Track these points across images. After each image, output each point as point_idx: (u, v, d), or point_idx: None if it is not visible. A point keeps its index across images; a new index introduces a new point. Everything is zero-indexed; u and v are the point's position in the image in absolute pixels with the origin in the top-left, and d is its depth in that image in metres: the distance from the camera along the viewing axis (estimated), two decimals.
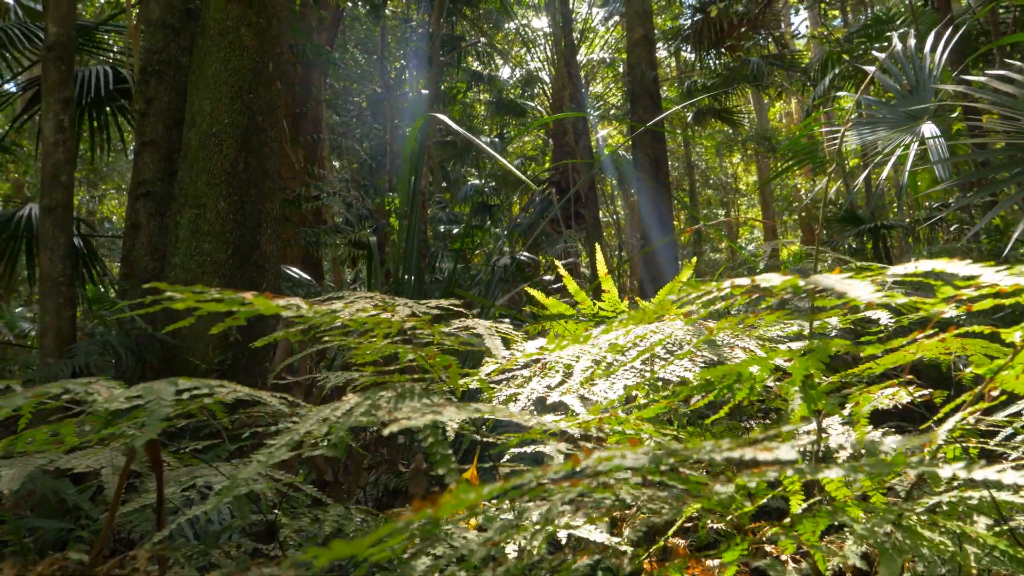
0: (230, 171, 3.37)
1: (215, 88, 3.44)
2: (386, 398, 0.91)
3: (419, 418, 0.76)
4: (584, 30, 12.84)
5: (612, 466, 0.65)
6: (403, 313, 1.06)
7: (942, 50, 3.13)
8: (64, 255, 3.12)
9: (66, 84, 3.23)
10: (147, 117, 3.78)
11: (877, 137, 3.03)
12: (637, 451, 0.66)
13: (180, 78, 3.84)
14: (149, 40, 3.86)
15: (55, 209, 3.12)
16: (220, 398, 0.92)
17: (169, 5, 3.90)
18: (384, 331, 0.98)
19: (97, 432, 1.04)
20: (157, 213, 3.67)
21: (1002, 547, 0.98)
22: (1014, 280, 0.73)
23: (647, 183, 7.73)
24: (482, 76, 12.72)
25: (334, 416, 0.89)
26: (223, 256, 3.30)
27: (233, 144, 3.40)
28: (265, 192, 3.53)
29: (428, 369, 1.07)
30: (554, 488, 0.76)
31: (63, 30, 3.24)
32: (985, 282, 0.83)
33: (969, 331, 0.91)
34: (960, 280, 0.79)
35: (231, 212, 3.34)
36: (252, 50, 3.54)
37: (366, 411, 0.88)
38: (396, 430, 0.74)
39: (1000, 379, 0.92)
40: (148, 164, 3.73)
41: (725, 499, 0.91)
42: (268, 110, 3.60)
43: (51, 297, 3.07)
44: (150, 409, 0.75)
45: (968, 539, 1.02)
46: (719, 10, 7.91)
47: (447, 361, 1.00)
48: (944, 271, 0.76)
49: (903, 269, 0.79)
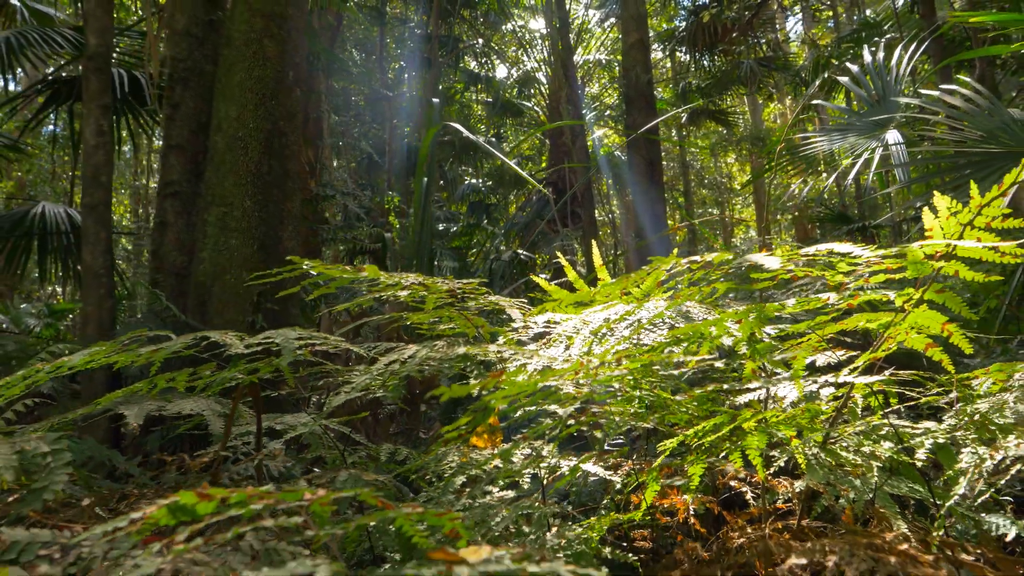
0: (255, 172, 3.70)
1: (240, 95, 3.76)
2: (439, 345, 1.24)
3: (469, 350, 1.10)
4: (581, 31, 13.20)
5: (605, 378, 0.99)
6: (444, 288, 1.40)
7: (907, 64, 3.49)
8: (105, 249, 3.44)
9: (105, 91, 3.55)
10: (173, 122, 4.10)
11: (847, 142, 3.40)
12: (622, 369, 1.00)
13: (204, 85, 4.17)
14: (174, 49, 4.18)
15: (96, 207, 3.44)
16: (318, 347, 1.25)
17: (193, 16, 4.23)
18: (434, 299, 1.32)
19: (206, 379, 1.38)
20: (184, 211, 3.99)
21: (899, 458, 1.33)
22: (878, 258, 1.08)
23: (642, 183, 8.08)
24: (479, 77, 13.04)
25: (402, 358, 1.23)
26: (249, 251, 3.62)
27: (257, 147, 3.73)
28: (286, 192, 3.86)
29: (464, 332, 1.41)
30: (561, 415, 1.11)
31: (102, 41, 3.57)
32: (873, 259, 1.17)
33: (869, 297, 1.25)
34: (850, 258, 1.13)
35: (256, 210, 3.67)
36: (274, 60, 3.87)
37: (427, 354, 1.22)
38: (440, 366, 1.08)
39: (891, 333, 1.27)
40: (175, 166, 4.05)
41: (689, 414, 1.25)
42: (288, 115, 3.93)
43: (92, 288, 3.40)
44: (282, 345, 1.09)
45: (875, 457, 1.37)
46: (711, 15, 8.27)
47: (480, 322, 1.34)
48: (840, 251, 1.10)
49: (812, 250, 1.13)
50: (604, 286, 2.25)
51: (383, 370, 1.26)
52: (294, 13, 4.06)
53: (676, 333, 1.31)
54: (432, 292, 1.34)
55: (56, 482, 0.93)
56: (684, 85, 12.57)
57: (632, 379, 1.19)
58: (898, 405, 1.67)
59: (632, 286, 1.59)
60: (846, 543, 0.86)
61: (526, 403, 1.12)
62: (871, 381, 1.47)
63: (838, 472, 1.41)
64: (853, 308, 1.31)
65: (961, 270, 1.28)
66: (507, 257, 5.25)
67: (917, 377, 1.52)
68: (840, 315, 1.38)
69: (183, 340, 1.12)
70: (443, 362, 1.21)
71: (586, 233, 9.73)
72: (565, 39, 10.56)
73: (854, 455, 1.38)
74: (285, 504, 0.74)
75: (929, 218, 1.21)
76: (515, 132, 15.03)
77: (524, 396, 0.99)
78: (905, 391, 1.52)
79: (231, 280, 3.54)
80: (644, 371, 1.17)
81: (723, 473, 1.82)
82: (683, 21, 11.57)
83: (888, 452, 1.35)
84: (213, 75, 4.13)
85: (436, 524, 0.75)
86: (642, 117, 8.19)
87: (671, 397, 1.15)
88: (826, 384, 1.46)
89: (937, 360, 1.37)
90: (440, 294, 1.29)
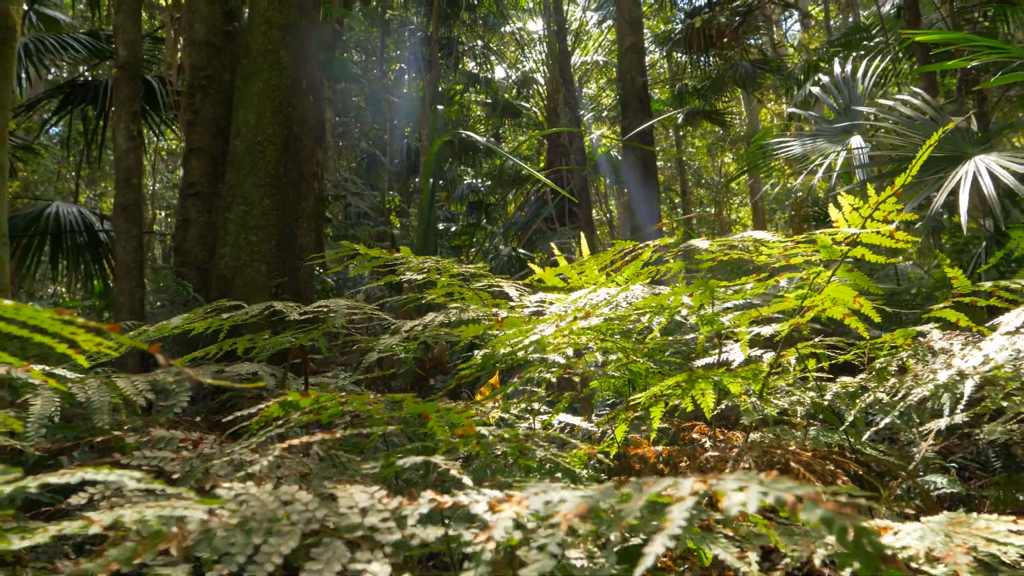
0: (273, 174, 4.06)
1: (259, 103, 4.12)
2: (453, 311, 1.60)
3: (474, 313, 1.46)
4: (579, 32, 13.57)
5: (578, 330, 1.35)
6: (455, 269, 1.76)
7: (862, 75, 3.87)
8: (136, 245, 3.80)
9: (135, 98, 3.91)
10: (194, 127, 4.46)
11: (816, 146, 3.77)
12: (590, 321, 1.36)
13: (222, 91, 4.53)
14: (194, 58, 4.54)
15: (128, 207, 3.80)
16: (355, 316, 1.60)
17: (212, 27, 4.59)
18: (447, 278, 1.68)
19: (258, 343, 1.73)
20: (205, 209, 4.35)
21: (816, 402, 1.69)
22: (792, 243, 1.44)
23: (637, 182, 8.46)
24: (478, 78, 13.40)
25: (424, 322, 1.59)
26: (268, 246, 3.98)
27: (275, 151, 4.09)
28: (301, 192, 4.22)
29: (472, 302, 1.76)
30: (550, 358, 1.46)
31: (131, 52, 3.93)
32: (788, 245, 1.54)
33: (789, 276, 1.61)
34: (767, 244, 1.49)
35: (274, 209, 4.03)
36: (290, 69, 4.23)
37: (442, 319, 1.58)
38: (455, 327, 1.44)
39: (808, 304, 1.63)
40: (196, 168, 4.41)
41: (648, 364, 1.61)
42: (303, 121, 4.29)
43: (125, 280, 3.75)
44: (335, 309, 1.44)
45: (800, 403, 1.73)
46: (703, 21, 8.65)
47: (485, 295, 1.70)
48: (758, 238, 1.46)
49: (738, 237, 1.49)
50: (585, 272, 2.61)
51: (407, 333, 1.62)
52: (307, 24, 4.42)
53: (640, 304, 1.67)
54: (445, 273, 1.71)
55: (181, 401, 1.28)
56: (680, 87, 12.93)
57: (600, 333, 1.55)
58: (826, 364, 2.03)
59: (614, 271, 1.95)
60: (749, 445, 1.21)
61: (522, 347, 1.47)
62: (802, 345, 1.84)
63: (785, 428, 1.77)
64: (779, 284, 1.67)
65: (867, 254, 1.64)
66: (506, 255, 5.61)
67: (841, 342, 1.89)
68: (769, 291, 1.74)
69: (257, 307, 1.47)
70: (455, 325, 1.57)
71: (583, 231, 10.09)
72: (563, 44, 10.93)
73: (785, 402, 1.75)
74: (353, 407, 1.10)
75: (835, 212, 1.57)
76: (513, 132, 15.40)
77: (520, 340, 1.35)
78: (831, 353, 1.89)
79: (251, 273, 3.90)
80: (608, 326, 1.53)
81: (689, 429, 2.18)
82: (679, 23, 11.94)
83: (810, 399, 1.71)
84: (231, 83, 4.49)
85: (456, 421, 1.11)
86: (637, 119, 8.56)
87: (630, 346, 1.52)
88: (767, 349, 1.82)
89: (854, 327, 1.73)
90: (452, 273, 1.65)
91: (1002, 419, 1.67)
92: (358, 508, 0.75)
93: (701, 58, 11.66)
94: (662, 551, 0.53)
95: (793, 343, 1.86)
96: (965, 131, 2.88)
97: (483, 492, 0.77)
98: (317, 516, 0.72)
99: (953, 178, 2.53)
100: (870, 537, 0.52)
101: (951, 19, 6.68)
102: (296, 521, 0.71)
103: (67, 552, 1.11)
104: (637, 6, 8.69)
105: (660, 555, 0.56)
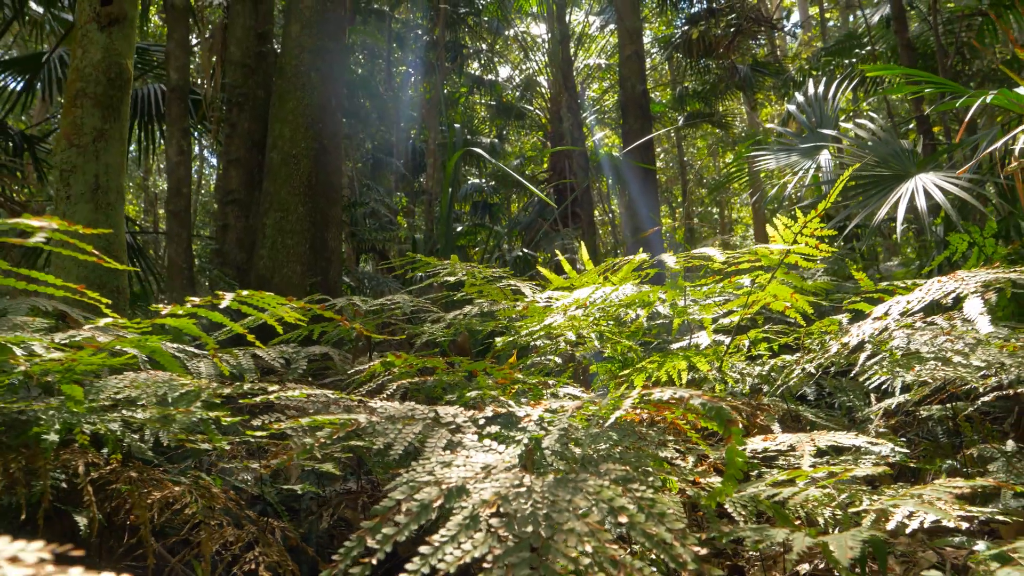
0: (306, 183, 4.62)
1: (293, 119, 4.69)
2: (485, 304, 2.17)
3: (502, 305, 2.03)
4: (581, 36, 14.13)
5: (576, 316, 1.92)
6: (487, 272, 2.33)
7: (834, 92, 4.44)
8: (186, 247, 4.36)
9: (184, 117, 4.48)
10: (232, 140, 5.03)
11: (790, 161, 4.33)
12: (586, 312, 1.93)
13: (256, 108, 5.09)
14: (231, 77, 5.11)
15: (178, 213, 4.36)
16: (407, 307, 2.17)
17: (247, 49, 5.15)
18: (479, 279, 2.25)
19: (329, 331, 2.30)
20: (242, 215, 4.92)
21: (763, 375, 2.25)
22: (738, 255, 2.01)
23: (637, 185, 9.04)
24: (483, 81, 13.97)
25: (463, 312, 2.15)
26: (302, 249, 4.55)
27: (307, 163, 4.66)
28: (331, 200, 4.79)
29: (496, 300, 2.33)
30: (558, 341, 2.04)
31: (181, 76, 4.49)
32: (734, 257, 2.11)
33: (751, 276, 2.17)
34: (714, 259, 2.06)
35: (307, 215, 4.60)
36: (320, 88, 4.80)
37: (477, 310, 2.15)
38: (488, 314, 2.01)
39: (754, 299, 2.20)
40: (233, 177, 4.98)
41: (631, 344, 2.18)
42: (332, 135, 4.86)
43: (176, 279, 4.32)
44: (402, 303, 2.02)
45: (749, 375, 2.30)
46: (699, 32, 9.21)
47: (507, 292, 2.27)
48: (708, 254, 2.04)
49: (698, 252, 2.06)
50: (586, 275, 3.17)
51: (450, 320, 2.19)
52: (335, 47, 4.99)
53: (626, 299, 2.23)
54: (477, 276, 2.27)
55: (302, 364, 1.85)
56: (681, 89, 13.49)
57: (594, 320, 2.12)
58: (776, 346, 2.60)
59: (610, 274, 2.51)
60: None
61: (540, 329, 2.02)
62: (754, 332, 2.42)
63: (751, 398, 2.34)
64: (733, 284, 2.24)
65: (800, 261, 2.21)
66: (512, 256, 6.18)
67: (786, 329, 2.46)
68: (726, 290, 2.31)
69: (342, 300, 2.04)
70: (488, 316, 2.14)
71: (585, 232, 10.66)
72: (565, 50, 11.50)
73: (737, 374, 2.32)
74: (428, 365, 1.67)
75: (771, 230, 2.13)
76: (517, 133, 15.97)
77: (535, 325, 1.91)
78: (774, 337, 2.46)
79: (288, 272, 4.47)
80: (604, 314, 2.10)
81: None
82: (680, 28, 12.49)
83: (758, 371, 2.28)
84: (264, 100, 5.05)
85: (496, 375, 1.68)
86: (638, 124, 9.12)
87: (616, 329, 2.08)
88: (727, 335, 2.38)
89: (792, 318, 2.30)
90: (484, 275, 2.22)
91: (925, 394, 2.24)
92: (451, 414, 1.31)
93: (701, 61, 12.23)
94: (625, 412, 1.10)
95: (747, 331, 2.43)
96: (910, 153, 3.43)
97: (521, 406, 1.33)
98: (430, 416, 1.29)
99: (894, 195, 3.09)
100: (721, 411, 1.09)
101: (935, 30, 7.24)
102: (419, 418, 1.27)
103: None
104: (637, 16, 9.24)
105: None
